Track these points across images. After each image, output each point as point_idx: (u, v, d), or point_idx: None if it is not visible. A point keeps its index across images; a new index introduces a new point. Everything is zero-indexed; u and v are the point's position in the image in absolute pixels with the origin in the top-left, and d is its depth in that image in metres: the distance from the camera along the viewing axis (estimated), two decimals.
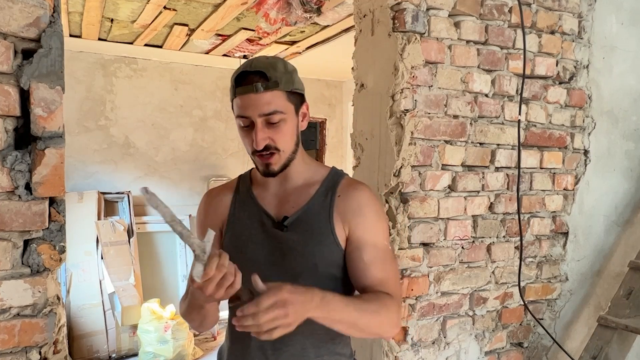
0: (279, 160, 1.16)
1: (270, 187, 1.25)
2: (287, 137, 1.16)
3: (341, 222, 1.18)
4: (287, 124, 1.15)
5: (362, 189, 1.23)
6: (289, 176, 1.23)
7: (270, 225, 1.21)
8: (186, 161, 5.09)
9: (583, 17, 2.19)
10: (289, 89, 1.14)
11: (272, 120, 1.12)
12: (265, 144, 1.13)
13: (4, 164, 1.05)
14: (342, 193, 1.21)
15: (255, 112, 1.11)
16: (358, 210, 1.18)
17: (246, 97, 1.12)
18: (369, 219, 1.19)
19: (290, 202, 1.21)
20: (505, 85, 2.02)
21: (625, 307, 2.08)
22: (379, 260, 1.17)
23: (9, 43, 1.05)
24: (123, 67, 4.80)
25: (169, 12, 3.29)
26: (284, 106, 1.14)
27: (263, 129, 1.12)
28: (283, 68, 1.15)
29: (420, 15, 1.80)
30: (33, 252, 1.09)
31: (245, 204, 1.26)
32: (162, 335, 3.86)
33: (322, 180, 1.24)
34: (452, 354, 2.02)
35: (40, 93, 1.07)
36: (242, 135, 1.17)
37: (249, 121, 1.13)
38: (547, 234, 2.21)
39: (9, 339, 1.08)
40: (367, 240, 1.17)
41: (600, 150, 2.30)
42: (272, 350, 1.18)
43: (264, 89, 1.10)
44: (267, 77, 1.11)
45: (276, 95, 1.12)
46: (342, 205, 1.19)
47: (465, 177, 1.97)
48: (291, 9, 2.89)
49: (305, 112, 1.21)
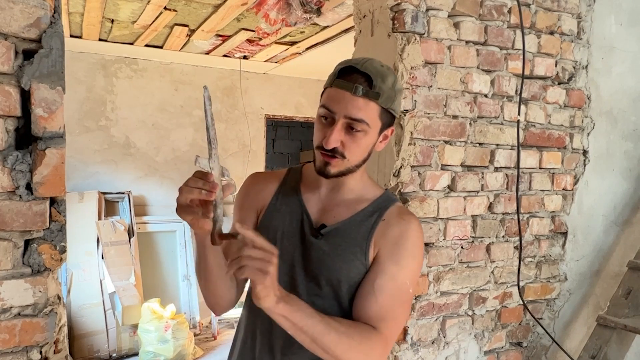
0: (339, 166, 1.10)
1: (320, 191, 1.20)
2: (359, 150, 1.10)
3: (375, 244, 1.12)
4: (365, 138, 1.09)
5: (410, 220, 1.16)
6: (341, 188, 1.18)
7: (307, 227, 1.16)
8: (186, 161, 5.09)
9: (582, 17, 2.20)
10: (386, 105, 1.09)
11: (354, 126, 1.06)
12: (335, 146, 1.07)
13: (5, 164, 1.06)
14: (388, 218, 1.15)
15: (342, 110, 1.06)
16: (395, 238, 1.12)
17: (341, 92, 1.06)
18: (401, 252, 1.11)
19: (334, 212, 1.17)
20: (504, 86, 2.02)
21: (624, 307, 2.08)
22: (389, 293, 1.08)
23: (10, 43, 1.05)
24: (123, 67, 4.81)
25: (169, 12, 3.29)
26: (372, 120, 1.08)
27: (341, 130, 1.07)
28: (391, 83, 1.09)
29: (419, 15, 1.81)
30: (34, 252, 1.10)
31: (290, 198, 1.22)
32: (163, 335, 3.86)
33: (372, 200, 1.18)
34: (452, 354, 2.03)
35: (41, 93, 1.07)
36: (316, 126, 1.12)
37: (331, 116, 1.08)
38: (546, 233, 2.22)
39: (10, 338, 1.08)
40: (389, 270, 1.09)
41: (599, 151, 2.31)
42: (281, 356, 1.15)
43: (362, 94, 1.05)
44: (372, 84, 1.06)
45: (371, 106, 1.07)
46: (382, 230, 1.13)
47: (464, 177, 1.97)
48: (291, 9, 2.89)
49: (387, 135, 1.15)
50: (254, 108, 5.40)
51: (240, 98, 5.28)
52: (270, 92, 5.49)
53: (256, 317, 1.20)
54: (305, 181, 1.24)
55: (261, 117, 5.49)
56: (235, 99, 5.30)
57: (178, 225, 4.90)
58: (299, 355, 1.12)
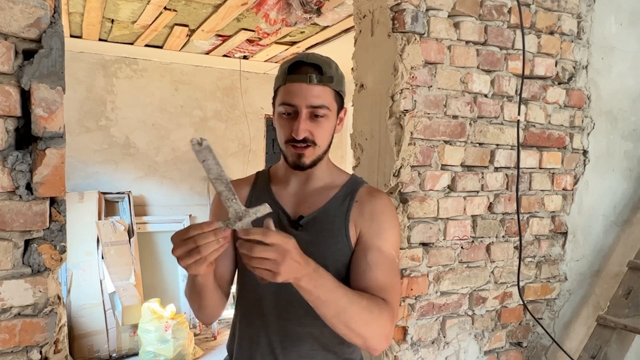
0: (312, 154, 1.17)
1: (290, 185, 1.25)
2: (326, 134, 1.17)
3: (354, 225, 1.18)
4: (328, 122, 1.16)
5: (381, 196, 1.23)
6: (311, 177, 1.23)
7: (285, 222, 1.21)
8: (186, 161, 5.09)
9: (582, 17, 2.20)
10: (338, 88, 1.17)
11: (317, 113, 1.13)
12: (305, 135, 1.13)
13: (5, 164, 1.06)
14: (360, 199, 1.21)
15: (303, 101, 1.12)
16: (372, 215, 1.18)
17: (297, 86, 1.13)
18: (380, 225, 1.18)
19: (308, 203, 1.22)
20: (504, 86, 2.02)
21: (624, 307, 2.09)
22: (382, 265, 1.15)
23: (10, 44, 1.05)
24: (123, 67, 4.81)
25: (169, 12, 3.29)
26: (330, 103, 1.15)
27: (306, 120, 1.13)
28: (336, 68, 1.18)
29: (419, 15, 1.81)
30: (34, 252, 1.10)
31: (262, 199, 1.22)
32: (163, 335, 3.86)
33: (341, 185, 1.24)
34: (452, 354, 2.03)
35: (41, 93, 1.08)
36: (279, 124, 1.17)
37: (294, 110, 1.14)
38: (546, 233, 2.22)
39: (10, 338, 1.08)
40: (374, 244, 1.16)
41: (599, 151, 2.31)
42: (281, 349, 1.17)
43: (317, 81, 1.12)
44: (322, 71, 1.13)
45: (326, 91, 1.14)
46: (358, 210, 1.19)
47: (464, 177, 1.97)
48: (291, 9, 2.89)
49: (342, 117, 1.22)
50: (254, 108, 5.40)
51: (240, 98, 5.28)
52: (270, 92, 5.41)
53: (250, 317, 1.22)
54: (275, 180, 1.29)
55: (261, 117, 5.49)
56: (235, 99, 5.30)
57: (178, 225, 4.90)
58: (299, 347, 1.16)
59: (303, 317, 1.15)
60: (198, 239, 0.88)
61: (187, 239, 0.89)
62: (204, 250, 0.88)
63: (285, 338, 1.17)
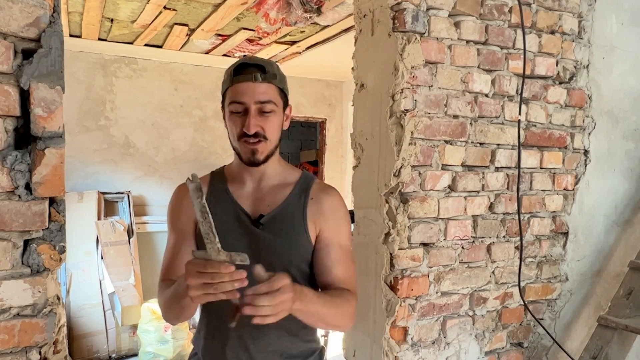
0: (265, 149, 1.23)
1: (246, 185, 1.31)
2: (275, 128, 1.25)
3: (313, 222, 1.27)
4: (276, 116, 1.24)
5: (333, 193, 1.32)
6: (266, 175, 1.30)
7: (246, 221, 1.26)
8: (186, 161, 5.09)
9: (583, 17, 2.19)
10: (281, 85, 1.26)
11: (265, 109, 1.21)
12: (256, 130, 1.21)
13: (4, 164, 1.05)
14: (315, 196, 1.30)
15: (251, 98, 1.20)
16: (329, 214, 1.28)
17: (244, 85, 1.21)
18: (338, 222, 1.29)
19: (266, 201, 1.28)
20: (505, 85, 2.02)
21: (625, 307, 2.08)
22: (343, 260, 1.28)
23: (9, 43, 1.05)
24: (123, 67, 4.80)
25: (169, 12, 3.29)
26: (276, 99, 1.24)
27: (256, 115, 1.21)
28: (278, 68, 1.27)
29: (420, 15, 1.80)
30: (33, 252, 1.09)
31: (220, 199, 1.31)
32: (162, 335, 3.86)
33: (295, 182, 1.32)
34: (452, 354, 2.02)
35: (40, 93, 1.07)
36: (230, 123, 1.25)
37: (243, 107, 1.21)
38: (547, 234, 2.21)
39: (9, 339, 1.08)
40: (334, 241, 1.27)
41: (600, 150, 2.30)
42: (251, 339, 1.24)
43: (262, 79, 1.21)
44: (266, 70, 1.22)
45: (271, 87, 1.23)
46: (314, 208, 1.28)
47: (465, 177, 1.97)
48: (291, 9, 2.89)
49: (288, 114, 1.31)
50: None
51: None
52: None
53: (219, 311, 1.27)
54: (230, 179, 1.34)
55: None
56: None
57: None
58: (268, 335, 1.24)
59: None
60: (215, 277, 0.96)
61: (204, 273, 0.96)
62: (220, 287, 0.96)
63: (255, 329, 1.19)
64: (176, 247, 1.33)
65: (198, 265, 0.97)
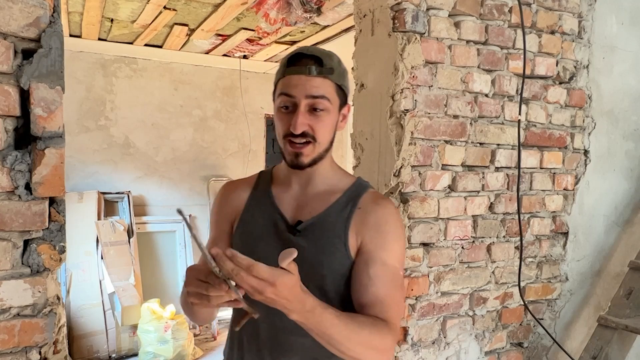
0: (311, 153, 1.10)
1: (291, 188, 1.20)
2: (326, 130, 1.11)
3: (355, 234, 1.12)
4: (329, 116, 1.10)
5: (386, 205, 1.16)
6: (313, 179, 1.17)
7: (283, 227, 1.15)
8: (186, 161, 5.08)
9: (583, 17, 2.19)
10: (339, 82, 1.12)
11: (316, 105, 1.08)
12: (303, 129, 1.07)
13: (4, 164, 1.05)
14: (364, 206, 1.14)
15: (302, 92, 1.07)
16: (376, 225, 1.12)
17: (296, 77, 1.08)
18: (385, 236, 1.12)
19: (308, 207, 1.16)
20: (505, 85, 2.02)
21: (625, 307, 2.08)
22: (385, 279, 1.09)
23: (9, 43, 1.05)
24: (123, 67, 4.80)
25: (169, 12, 3.29)
26: (331, 96, 1.10)
27: (305, 113, 1.07)
28: (338, 62, 1.13)
29: (420, 15, 1.80)
30: (33, 252, 1.09)
31: (262, 202, 1.21)
32: (162, 335, 3.86)
33: (345, 190, 1.18)
34: (452, 354, 2.02)
35: (40, 93, 1.07)
36: (278, 118, 1.12)
37: (292, 102, 1.08)
38: (547, 234, 2.21)
39: (9, 339, 1.08)
40: (378, 256, 1.10)
41: (601, 150, 2.30)
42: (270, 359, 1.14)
43: (317, 73, 1.08)
44: (322, 63, 1.09)
45: (327, 83, 1.09)
46: (360, 218, 1.13)
47: (465, 177, 1.97)
48: (291, 9, 2.89)
49: (345, 114, 1.16)
50: (254, 108, 5.40)
51: (240, 98, 5.27)
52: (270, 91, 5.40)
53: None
54: (276, 182, 1.23)
55: (261, 117, 5.49)
56: (235, 98, 5.29)
57: (178, 225, 4.89)
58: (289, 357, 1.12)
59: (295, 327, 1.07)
60: (211, 290, 0.88)
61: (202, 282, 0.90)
62: (213, 301, 0.89)
63: (276, 347, 1.13)
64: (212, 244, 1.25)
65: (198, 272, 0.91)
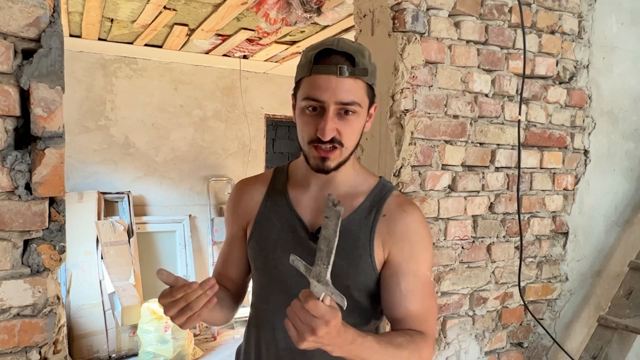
0: (338, 157, 1.03)
1: (310, 189, 1.12)
2: (355, 134, 1.04)
3: (382, 244, 1.06)
4: (358, 119, 1.02)
5: (412, 211, 1.09)
6: (335, 181, 1.10)
7: (303, 234, 1.09)
8: (186, 161, 5.08)
9: (583, 17, 2.19)
10: (371, 82, 1.03)
11: (347, 109, 0.99)
12: (332, 135, 0.99)
13: (4, 164, 1.05)
14: (389, 213, 1.08)
15: (332, 97, 0.98)
16: (403, 235, 1.06)
17: (325, 78, 0.98)
18: (413, 246, 1.06)
19: None
20: (505, 85, 2.02)
21: (625, 307, 2.08)
22: (418, 292, 1.05)
23: (9, 43, 1.05)
24: (123, 67, 4.80)
25: (169, 12, 3.29)
26: (362, 99, 1.01)
27: (334, 118, 0.99)
28: (369, 57, 1.03)
29: (420, 15, 1.80)
30: (33, 252, 1.09)
31: (278, 204, 1.14)
32: (162, 335, 3.86)
33: (368, 193, 1.11)
34: (452, 354, 2.02)
35: (40, 93, 1.07)
36: (302, 121, 1.03)
37: (319, 106, 0.99)
38: (547, 234, 2.21)
39: (9, 339, 1.08)
40: (408, 268, 1.05)
41: (600, 150, 2.30)
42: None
43: (349, 74, 0.98)
44: (355, 62, 0.99)
45: (359, 85, 1.00)
46: (386, 226, 1.07)
47: (465, 177, 1.97)
48: (291, 9, 2.89)
49: (372, 113, 1.09)
50: (254, 108, 5.40)
51: (240, 98, 5.27)
52: (270, 91, 5.48)
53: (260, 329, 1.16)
54: (293, 181, 1.16)
55: (261, 117, 5.49)
56: (235, 98, 5.29)
57: (178, 225, 4.90)
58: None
59: None
60: (188, 297, 0.89)
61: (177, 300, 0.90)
62: (195, 306, 0.89)
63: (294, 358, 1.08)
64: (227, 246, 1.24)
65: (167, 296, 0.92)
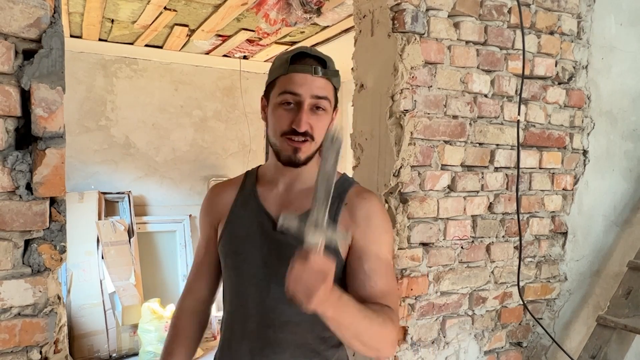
0: (308, 150, 1.13)
1: (277, 187, 1.21)
2: (323, 129, 1.14)
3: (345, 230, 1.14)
4: (326, 117, 1.14)
5: (371, 198, 1.19)
6: (300, 177, 1.19)
7: (269, 227, 1.16)
8: (186, 161, 5.09)
9: (582, 17, 2.20)
10: (337, 86, 1.17)
11: (319, 105, 1.11)
12: (306, 128, 1.10)
13: (5, 164, 1.06)
14: (350, 201, 1.17)
15: (308, 91, 1.10)
16: (364, 220, 1.14)
17: (301, 76, 1.10)
18: (375, 230, 1.15)
19: (295, 205, 1.16)
20: (504, 86, 2.02)
21: (624, 307, 2.08)
22: (381, 272, 1.13)
23: (10, 43, 1.05)
24: (123, 67, 4.81)
25: (169, 12, 3.29)
26: (331, 98, 1.14)
27: (308, 112, 1.11)
28: (334, 66, 1.17)
29: (419, 15, 1.81)
30: (34, 252, 1.10)
31: (247, 202, 1.23)
32: (163, 335, 3.86)
33: None
34: (452, 354, 2.03)
35: (41, 93, 1.08)
36: (278, 115, 1.13)
37: (296, 100, 1.11)
38: (546, 234, 2.21)
39: (10, 338, 1.08)
40: (370, 250, 1.13)
41: (599, 151, 2.31)
42: (261, 357, 1.15)
43: (322, 74, 1.11)
44: (326, 65, 1.13)
45: (329, 85, 1.13)
46: (348, 214, 1.15)
47: (464, 177, 1.97)
48: (291, 9, 2.89)
49: (334, 118, 1.19)
50: (254, 108, 5.40)
51: (240, 98, 5.28)
52: None
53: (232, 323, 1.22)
54: (262, 181, 1.25)
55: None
56: (235, 99, 5.30)
57: (178, 225, 4.90)
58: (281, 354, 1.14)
59: (285, 325, 1.13)
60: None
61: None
62: None
63: (266, 345, 1.14)
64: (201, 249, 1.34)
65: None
